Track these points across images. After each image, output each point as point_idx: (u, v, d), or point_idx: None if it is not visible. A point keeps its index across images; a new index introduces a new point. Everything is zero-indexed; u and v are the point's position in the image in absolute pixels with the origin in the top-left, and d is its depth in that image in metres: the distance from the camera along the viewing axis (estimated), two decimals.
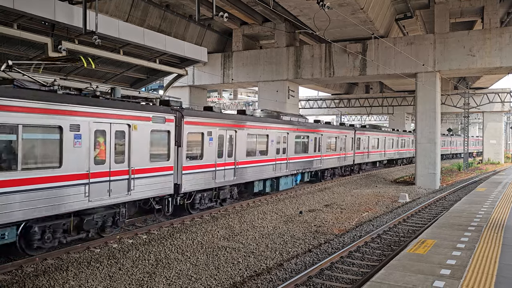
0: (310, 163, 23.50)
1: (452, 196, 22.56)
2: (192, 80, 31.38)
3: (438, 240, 8.78)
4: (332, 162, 26.72)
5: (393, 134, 40.33)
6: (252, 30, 29.86)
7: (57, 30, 14.14)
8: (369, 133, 34.07)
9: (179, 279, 9.02)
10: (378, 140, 35.88)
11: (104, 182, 10.90)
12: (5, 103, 8.66)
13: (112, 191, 11.14)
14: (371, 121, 79.59)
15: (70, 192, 9.98)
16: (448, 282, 6.20)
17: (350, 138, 29.83)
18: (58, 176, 9.70)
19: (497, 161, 53.71)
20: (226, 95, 74.47)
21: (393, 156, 40.71)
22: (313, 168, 23.88)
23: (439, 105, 26.51)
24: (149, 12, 24.13)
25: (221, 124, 15.55)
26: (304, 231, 13.68)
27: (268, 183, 19.77)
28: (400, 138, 42.58)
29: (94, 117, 10.59)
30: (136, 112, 11.88)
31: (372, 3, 22.40)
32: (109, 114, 11.01)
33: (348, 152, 29.39)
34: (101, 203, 10.89)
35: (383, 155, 38.05)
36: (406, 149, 43.99)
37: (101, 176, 10.81)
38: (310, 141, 23.31)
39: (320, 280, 9.04)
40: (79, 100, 10.28)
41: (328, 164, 26.24)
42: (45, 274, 8.95)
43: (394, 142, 40.91)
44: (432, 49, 25.23)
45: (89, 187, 10.43)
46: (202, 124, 14.60)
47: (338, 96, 54.34)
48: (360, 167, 33.12)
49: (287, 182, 21.15)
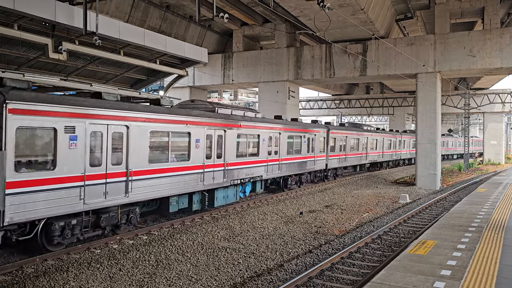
0: (263, 169, 18.98)
1: (453, 197, 22.55)
2: (192, 81, 31.40)
3: (439, 241, 8.77)
4: (296, 167, 22.34)
5: (377, 134, 36.47)
6: (252, 31, 29.87)
7: (58, 31, 14.14)
8: (347, 132, 29.97)
9: (179, 279, 9.01)
10: (359, 140, 31.59)
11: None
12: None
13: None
14: (371, 122, 79.62)
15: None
16: (448, 283, 6.20)
17: (322, 138, 25.66)
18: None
19: (497, 162, 53.68)
20: (227, 95, 74.47)
21: (377, 159, 36.67)
22: (268, 175, 19.50)
23: (439, 106, 26.49)
24: (149, 13, 24.15)
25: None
26: (305, 231, 13.67)
27: (195, 197, 15.13)
28: (386, 139, 38.57)
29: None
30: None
31: (373, 4, 22.40)
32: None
33: (318, 155, 25.00)
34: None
35: (364, 158, 33.63)
36: (393, 151, 39.66)
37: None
38: (262, 141, 18.85)
39: (320, 281, 9.03)
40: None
41: (291, 170, 21.75)
42: (46, 274, 8.95)
43: (379, 143, 36.72)
44: (432, 49, 25.23)
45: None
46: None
47: (339, 96, 54.33)
48: (336, 172, 28.80)
49: (227, 196, 16.73)
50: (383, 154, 38.02)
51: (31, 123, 9.17)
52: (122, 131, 11.47)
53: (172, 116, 13.25)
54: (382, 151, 37.36)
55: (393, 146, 40.24)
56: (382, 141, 37.19)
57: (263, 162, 19.09)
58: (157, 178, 12.70)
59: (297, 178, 23.35)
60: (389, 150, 39.11)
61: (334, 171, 28.66)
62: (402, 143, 42.70)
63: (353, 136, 31.07)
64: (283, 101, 28.63)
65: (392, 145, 39.93)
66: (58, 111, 9.75)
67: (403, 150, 43.28)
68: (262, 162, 18.97)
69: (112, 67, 18.21)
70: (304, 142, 23.28)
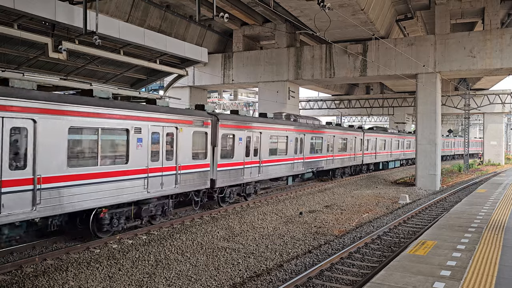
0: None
1: (453, 198, 22.54)
2: (192, 81, 31.38)
3: (439, 241, 8.76)
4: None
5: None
6: (252, 31, 29.85)
7: (58, 30, 14.12)
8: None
9: (179, 279, 9.00)
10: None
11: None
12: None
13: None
14: (372, 122, 79.63)
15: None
16: (448, 284, 6.19)
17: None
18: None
19: (497, 163, 53.69)
20: (227, 95, 74.45)
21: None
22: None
23: (439, 106, 26.48)
24: (149, 12, 24.13)
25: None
26: (304, 232, 13.66)
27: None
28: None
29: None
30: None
31: (373, 4, 22.39)
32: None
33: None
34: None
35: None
36: (350, 154, 30.50)
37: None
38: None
39: (320, 281, 9.02)
40: None
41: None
42: (45, 274, 8.94)
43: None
44: (432, 50, 25.22)
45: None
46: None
47: (339, 97, 54.33)
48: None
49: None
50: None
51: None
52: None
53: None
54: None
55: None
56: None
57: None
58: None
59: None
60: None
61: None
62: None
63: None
64: (283, 101, 28.62)
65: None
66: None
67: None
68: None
69: (112, 67, 18.20)
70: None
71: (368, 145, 33.56)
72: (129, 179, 11.88)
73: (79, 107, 10.49)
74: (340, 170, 29.19)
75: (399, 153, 42.00)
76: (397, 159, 41.63)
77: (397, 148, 41.52)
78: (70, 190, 10.19)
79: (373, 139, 34.66)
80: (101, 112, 11.05)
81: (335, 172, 28.63)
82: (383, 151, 37.45)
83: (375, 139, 35.01)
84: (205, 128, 15.07)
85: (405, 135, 44.30)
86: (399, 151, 41.99)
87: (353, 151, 30.37)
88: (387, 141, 38.44)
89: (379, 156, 36.49)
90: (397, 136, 41.39)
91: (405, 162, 45.66)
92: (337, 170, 28.71)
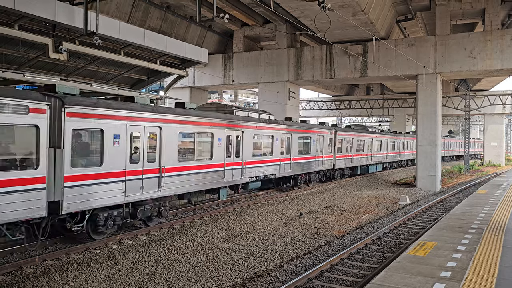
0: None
1: (453, 198, 22.52)
2: (192, 81, 31.39)
3: (439, 242, 8.75)
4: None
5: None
6: (253, 32, 29.87)
7: (58, 31, 14.13)
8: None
9: (179, 280, 9.00)
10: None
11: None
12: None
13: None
14: (372, 123, 79.61)
15: None
16: (448, 285, 6.18)
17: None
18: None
19: (498, 164, 53.66)
20: (227, 96, 74.49)
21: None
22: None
23: (440, 107, 26.48)
24: (150, 13, 24.14)
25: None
26: (304, 233, 13.66)
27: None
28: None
29: None
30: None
31: (373, 5, 22.40)
32: None
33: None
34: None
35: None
36: (316, 157, 25.03)
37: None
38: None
39: (320, 282, 9.01)
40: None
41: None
42: (45, 275, 8.94)
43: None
44: (433, 51, 25.22)
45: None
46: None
47: (339, 97, 54.34)
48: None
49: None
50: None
51: None
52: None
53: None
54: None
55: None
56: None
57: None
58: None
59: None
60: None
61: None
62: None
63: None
64: (283, 102, 28.63)
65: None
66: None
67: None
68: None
69: (112, 67, 18.21)
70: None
71: (342, 146, 28.36)
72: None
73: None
74: (303, 177, 23.73)
75: (381, 156, 36.94)
76: (379, 162, 36.58)
77: (380, 150, 36.45)
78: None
79: (349, 139, 29.44)
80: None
81: (297, 180, 23.12)
82: (361, 153, 32.26)
83: (351, 139, 29.87)
84: None
85: (390, 134, 39.80)
86: (381, 153, 36.94)
87: (320, 153, 25.19)
88: (367, 142, 33.29)
89: (356, 159, 31.25)
90: (380, 135, 36.37)
91: (389, 165, 40.75)
92: (299, 178, 23.25)
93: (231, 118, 16.96)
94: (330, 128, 27.04)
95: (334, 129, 27.57)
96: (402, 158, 43.58)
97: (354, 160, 30.77)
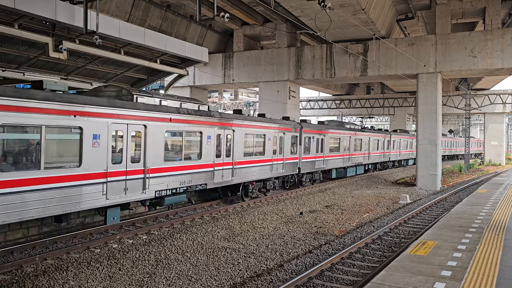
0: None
1: (453, 198, 22.52)
2: (193, 80, 31.38)
3: (439, 241, 8.75)
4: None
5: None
6: (253, 31, 29.85)
7: (58, 30, 14.14)
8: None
9: (179, 279, 8.99)
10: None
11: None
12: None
13: None
14: (372, 122, 79.61)
15: None
16: (449, 284, 6.17)
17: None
18: None
19: (498, 163, 53.66)
20: (227, 95, 74.46)
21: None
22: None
23: (440, 106, 26.46)
24: (150, 12, 24.13)
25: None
26: (305, 232, 13.65)
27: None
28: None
29: None
30: None
31: (374, 4, 22.38)
32: None
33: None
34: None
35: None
36: (270, 160, 20.04)
37: None
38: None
39: (320, 281, 9.01)
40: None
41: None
42: (45, 274, 8.93)
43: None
44: (433, 50, 25.20)
45: None
46: None
47: (339, 97, 54.34)
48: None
49: None
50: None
51: None
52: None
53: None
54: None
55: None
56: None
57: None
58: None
59: None
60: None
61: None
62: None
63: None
64: (283, 101, 28.61)
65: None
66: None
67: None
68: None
69: (112, 66, 18.21)
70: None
71: (310, 146, 23.67)
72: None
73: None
74: (257, 185, 19.08)
75: (361, 156, 32.63)
76: (359, 163, 32.28)
77: (360, 150, 32.34)
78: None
79: (318, 138, 24.71)
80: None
81: (248, 189, 18.45)
82: (335, 154, 27.62)
83: (321, 138, 25.06)
84: None
85: (371, 132, 35.56)
86: (361, 153, 32.60)
87: (279, 154, 20.46)
88: (344, 140, 28.90)
89: (331, 161, 26.85)
90: (360, 133, 32.44)
91: (372, 167, 36.75)
92: (251, 186, 18.49)
93: (149, 107, 12.70)
94: (297, 125, 22.79)
95: (300, 125, 23.14)
96: (387, 159, 39.88)
97: (329, 162, 26.74)
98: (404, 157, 45.20)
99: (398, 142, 42.66)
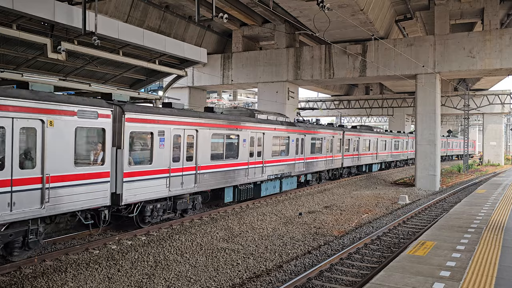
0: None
1: (452, 198, 22.54)
2: (191, 81, 31.38)
3: (438, 242, 8.75)
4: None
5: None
6: (251, 31, 29.86)
7: (57, 31, 14.11)
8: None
9: (178, 280, 8.98)
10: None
11: None
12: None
13: None
14: (371, 123, 79.67)
15: None
16: (448, 284, 6.17)
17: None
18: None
19: (497, 163, 53.73)
20: (226, 96, 74.50)
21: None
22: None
23: (439, 107, 26.49)
24: (148, 13, 24.12)
25: None
26: (304, 232, 13.65)
27: None
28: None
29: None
30: None
31: (372, 5, 22.39)
32: None
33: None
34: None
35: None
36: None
37: None
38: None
39: (319, 282, 9.00)
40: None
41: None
42: (44, 275, 8.91)
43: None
44: (432, 50, 25.22)
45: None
46: None
47: (338, 97, 54.37)
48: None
49: None
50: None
51: None
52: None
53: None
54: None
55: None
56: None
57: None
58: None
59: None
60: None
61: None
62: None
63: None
64: (282, 102, 28.62)
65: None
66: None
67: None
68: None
69: (111, 67, 18.19)
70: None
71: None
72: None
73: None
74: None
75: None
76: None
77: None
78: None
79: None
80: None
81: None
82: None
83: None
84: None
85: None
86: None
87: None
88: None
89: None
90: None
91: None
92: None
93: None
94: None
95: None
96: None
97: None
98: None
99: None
